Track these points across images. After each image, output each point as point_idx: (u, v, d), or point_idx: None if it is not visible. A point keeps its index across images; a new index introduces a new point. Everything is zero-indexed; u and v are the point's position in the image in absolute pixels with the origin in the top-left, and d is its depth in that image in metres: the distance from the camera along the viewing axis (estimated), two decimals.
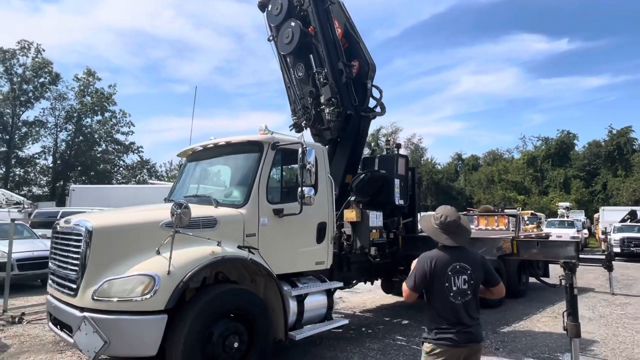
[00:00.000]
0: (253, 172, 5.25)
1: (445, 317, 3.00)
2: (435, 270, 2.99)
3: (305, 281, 5.60)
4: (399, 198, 6.90)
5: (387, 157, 7.08)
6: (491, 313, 8.53)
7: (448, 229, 3.09)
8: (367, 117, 7.10)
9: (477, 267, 3.08)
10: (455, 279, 3.00)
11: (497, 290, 3.21)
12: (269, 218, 5.19)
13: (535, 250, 5.37)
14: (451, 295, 2.98)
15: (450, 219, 3.11)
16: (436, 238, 3.15)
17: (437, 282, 2.99)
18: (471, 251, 3.22)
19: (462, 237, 3.14)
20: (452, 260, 3.03)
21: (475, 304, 3.06)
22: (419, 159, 59.71)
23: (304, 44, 7.14)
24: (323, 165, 5.97)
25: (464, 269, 3.03)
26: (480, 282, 3.10)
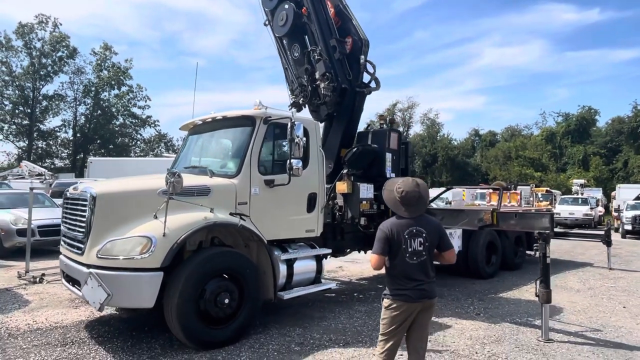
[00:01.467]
0: (245, 145, 5.61)
1: (403, 275, 3.30)
2: (394, 235, 3.27)
3: (296, 247, 6.02)
4: (391, 171, 7.18)
5: (380, 132, 7.33)
6: (483, 283, 8.88)
7: (408, 202, 3.31)
8: (362, 92, 7.32)
9: (431, 231, 3.35)
10: (411, 241, 3.28)
11: (448, 255, 3.46)
12: (260, 188, 5.57)
13: (513, 221, 5.62)
14: (407, 255, 3.27)
15: (410, 194, 3.30)
16: (395, 209, 3.39)
17: (395, 245, 3.27)
18: (428, 217, 3.49)
19: (421, 208, 3.39)
20: (409, 225, 3.31)
21: (430, 264, 3.36)
22: (435, 134, 59.21)
23: (298, 25, 7.40)
24: (315, 140, 6.28)
25: (419, 232, 3.31)
26: (434, 245, 3.37)
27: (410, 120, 60.67)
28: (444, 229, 3.53)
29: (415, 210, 3.34)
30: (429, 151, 56.33)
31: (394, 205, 3.40)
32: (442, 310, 6.71)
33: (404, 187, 3.33)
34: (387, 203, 3.52)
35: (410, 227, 3.32)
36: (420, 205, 3.38)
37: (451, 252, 3.49)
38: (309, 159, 6.18)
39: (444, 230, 3.50)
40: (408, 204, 3.32)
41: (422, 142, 58.00)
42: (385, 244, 3.30)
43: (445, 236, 3.47)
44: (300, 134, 5.41)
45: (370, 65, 7.26)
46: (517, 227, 5.61)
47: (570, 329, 5.96)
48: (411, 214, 3.32)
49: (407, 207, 3.32)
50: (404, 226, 3.32)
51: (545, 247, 5.17)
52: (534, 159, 49.55)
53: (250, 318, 5.18)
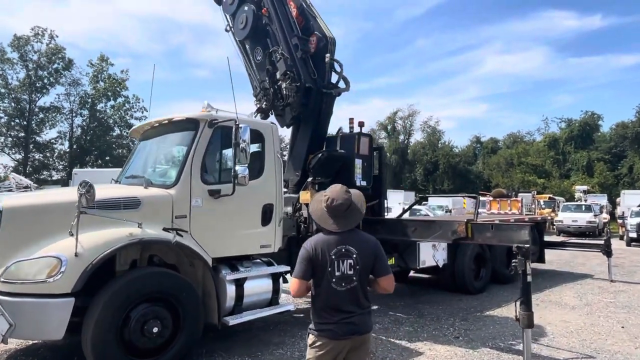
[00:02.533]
0: (186, 151, 5.02)
1: (328, 305, 2.72)
2: (318, 255, 2.70)
3: (249, 265, 5.38)
4: (361, 179, 6.55)
5: (348, 136, 6.71)
6: (470, 299, 8.18)
7: (335, 212, 2.75)
8: (330, 93, 6.74)
9: (364, 251, 2.75)
10: (339, 263, 2.69)
11: (384, 283, 2.81)
12: (204, 199, 4.96)
13: (489, 234, 4.96)
14: (334, 281, 2.68)
15: (337, 202, 2.75)
16: (322, 223, 2.81)
17: (319, 267, 2.70)
18: (362, 233, 2.88)
19: (351, 220, 2.80)
20: (337, 243, 2.73)
21: (362, 292, 2.76)
22: (436, 142, 58.56)
23: (259, 27, 6.91)
24: (271, 145, 5.69)
25: (349, 252, 2.72)
26: (368, 268, 2.77)
27: (411, 128, 60.23)
28: (381, 250, 2.86)
29: (344, 223, 2.76)
30: (430, 159, 55.68)
31: (321, 217, 2.83)
32: (417, 333, 6.04)
33: (331, 195, 2.79)
34: (313, 216, 2.96)
35: (339, 246, 2.72)
36: (351, 217, 2.80)
37: (387, 279, 2.82)
38: (264, 166, 5.59)
39: (381, 251, 2.84)
40: (336, 215, 2.75)
41: (423, 150, 57.40)
42: (307, 266, 2.72)
43: (381, 258, 2.82)
44: (247, 138, 4.82)
45: (337, 64, 6.68)
46: (493, 240, 4.96)
47: (559, 355, 5.26)
48: (340, 227, 2.74)
49: (335, 219, 2.75)
50: (331, 244, 2.72)
51: (524, 263, 4.51)
52: (537, 165, 48.72)
53: (187, 348, 4.55)
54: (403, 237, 5.65)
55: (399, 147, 58.10)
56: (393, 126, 60.05)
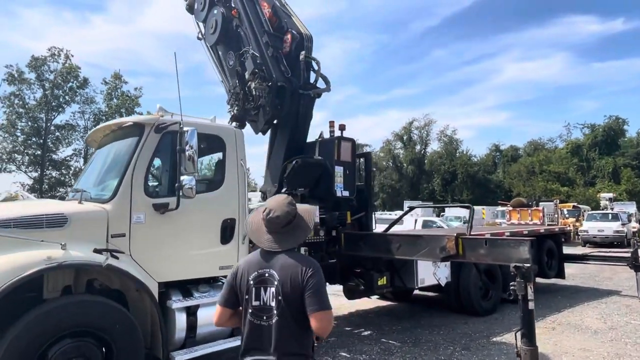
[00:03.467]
0: (127, 160, 4.40)
1: (247, 342, 2.23)
2: (240, 279, 2.28)
3: (206, 289, 4.68)
4: (342, 189, 5.82)
5: (327, 141, 6.01)
6: (477, 322, 7.28)
7: (272, 227, 2.29)
8: (308, 95, 6.07)
9: (289, 279, 2.15)
10: (259, 291, 2.20)
11: (314, 322, 2.11)
12: (148, 215, 4.32)
13: (482, 250, 4.12)
14: (250, 312, 2.20)
15: (274, 214, 2.28)
16: (255, 238, 2.37)
17: (240, 293, 2.27)
18: (294, 256, 2.26)
19: (291, 239, 2.31)
20: (260, 266, 2.25)
21: (289, 332, 2.14)
22: (453, 151, 57.25)
23: (230, 30, 6.36)
24: (234, 151, 5.03)
25: (273, 279, 2.19)
26: (297, 300, 2.14)
27: (428, 138, 59.18)
28: (315, 278, 2.15)
29: (281, 241, 2.28)
30: (448, 168, 54.44)
31: (255, 231, 2.38)
32: None
33: (270, 205, 2.34)
34: (247, 228, 2.58)
35: (261, 269, 2.24)
36: (292, 235, 2.32)
37: (318, 316, 2.11)
38: (224, 176, 4.92)
39: (313, 280, 2.14)
40: (272, 230, 2.29)
41: (440, 159, 56.21)
42: (228, 291, 2.34)
43: (312, 289, 2.12)
44: (194, 144, 4.17)
45: (314, 62, 6.00)
46: (487, 258, 4.11)
47: None
48: (275, 245, 2.27)
49: (272, 235, 2.30)
50: (254, 265, 2.27)
51: (524, 287, 3.68)
52: (560, 173, 46.87)
53: None
54: (387, 254, 4.88)
55: (415, 157, 57.09)
56: (409, 136, 59.11)
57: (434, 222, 21.92)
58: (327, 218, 5.82)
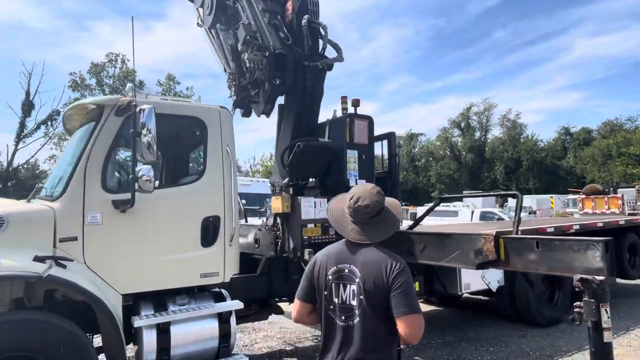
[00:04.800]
0: (82, 149, 3.69)
1: (326, 342, 2.10)
2: (317, 272, 2.14)
3: (184, 301, 3.90)
4: (357, 177, 4.78)
5: (338, 121, 4.96)
6: (538, 336, 5.97)
7: (359, 216, 2.12)
8: (316, 67, 5.08)
9: (372, 277, 1.98)
10: (338, 288, 2.07)
11: (401, 326, 1.93)
12: (106, 213, 3.59)
13: (533, 256, 2.90)
14: (331, 308, 2.08)
15: (363, 203, 2.12)
16: (339, 228, 2.20)
17: (318, 289, 2.14)
18: (379, 251, 2.06)
19: (378, 232, 2.13)
20: (341, 260, 2.09)
21: (371, 335, 1.97)
22: (517, 137, 53.29)
23: (226, 7, 5.48)
24: (218, 136, 4.19)
25: (354, 275, 2.04)
26: (381, 300, 1.97)
27: (488, 124, 55.54)
28: (403, 277, 1.96)
29: (367, 232, 2.10)
30: (511, 155, 50.74)
31: (338, 220, 2.22)
32: None
33: (356, 192, 2.17)
34: (329, 216, 2.30)
35: (341, 264, 2.08)
36: (381, 227, 2.14)
37: (406, 321, 1.93)
38: (206, 164, 4.10)
39: (400, 280, 1.96)
40: (359, 220, 2.12)
41: (503, 146, 52.54)
42: (307, 284, 2.19)
43: (400, 290, 1.94)
44: (152, 126, 3.38)
45: (321, 28, 4.98)
46: (540, 267, 2.88)
47: None
48: (358, 236, 2.10)
49: (359, 226, 2.11)
50: (333, 259, 2.11)
51: (597, 311, 2.51)
52: None
53: None
54: (407, 257, 3.82)
55: (474, 145, 53.82)
56: (467, 122, 55.80)
57: (494, 214, 19.97)
58: None
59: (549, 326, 6.36)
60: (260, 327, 6.67)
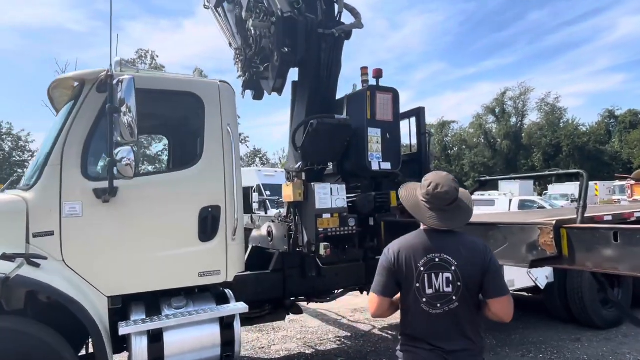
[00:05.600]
0: (58, 130, 3.23)
1: (416, 334, 2.08)
2: (402, 266, 2.06)
3: (181, 303, 3.41)
4: (380, 159, 4.13)
5: (357, 95, 4.31)
6: (595, 339, 5.20)
7: (438, 203, 2.09)
8: (331, 35, 4.44)
9: (469, 262, 2.00)
10: (431, 278, 2.02)
11: (497, 307, 2.02)
12: (86, 204, 3.12)
13: (610, 251, 2.18)
14: (424, 301, 2.02)
15: (443, 189, 2.08)
16: (418, 216, 2.15)
17: (405, 282, 2.07)
18: (466, 236, 2.11)
19: (458, 219, 2.13)
20: (430, 249, 2.05)
21: (468, 318, 2.02)
22: (556, 121, 50.66)
23: None
24: (217, 115, 3.64)
25: (446, 263, 2.02)
26: (476, 285, 2.02)
27: (524, 109, 53.05)
28: (494, 260, 2.05)
29: (449, 220, 2.09)
30: (551, 141, 48.32)
31: (416, 208, 2.16)
32: None
33: (434, 179, 2.14)
34: (407, 205, 2.22)
35: (432, 254, 2.03)
36: (459, 214, 2.13)
37: (501, 302, 2.01)
38: (203, 147, 3.57)
39: (493, 262, 2.04)
40: (438, 207, 2.09)
41: (541, 131, 50.15)
42: (388, 279, 2.11)
43: (494, 272, 2.02)
44: (131, 101, 2.87)
45: None
46: (619, 266, 2.16)
47: None
48: (442, 224, 2.07)
49: (437, 212, 2.09)
50: (419, 251, 2.06)
51: None
52: None
53: None
54: None
55: (510, 131, 51.59)
56: (502, 108, 53.50)
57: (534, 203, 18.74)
58: (358, 201, 4.20)
59: (607, 329, 5.55)
60: (280, 326, 6.17)
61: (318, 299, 4.74)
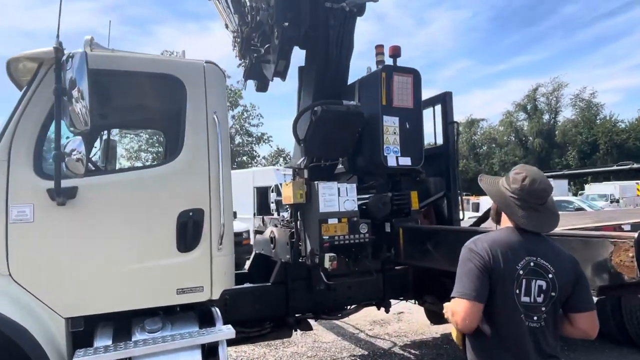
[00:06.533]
0: (8, 119, 2.71)
1: (507, 345, 1.78)
2: (499, 264, 1.76)
3: (155, 327, 2.84)
4: (397, 153, 3.46)
5: (370, 78, 3.64)
6: None
7: (532, 201, 1.82)
8: (341, 10, 3.80)
9: (564, 271, 1.79)
10: (529, 284, 1.76)
11: (585, 322, 1.83)
12: (39, 206, 2.59)
13: None
14: (522, 311, 1.76)
15: (540, 186, 1.82)
16: (508, 213, 1.87)
17: (501, 285, 1.76)
18: (553, 242, 1.89)
19: (549, 221, 1.87)
20: (526, 251, 1.79)
21: (553, 333, 1.82)
22: (592, 118, 48.24)
23: None
24: (201, 100, 3.07)
25: (542, 269, 1.77)
26: (565, 296, 1.80)
27: (558, 105, 50.78)
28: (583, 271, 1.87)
29: (542, 221, 1.84)
30: (586, 139, 46.02)
31: (506, 205, 1.88)
32: None
33: (528, 173, 1.87)
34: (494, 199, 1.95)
35: (528, 257, 1.79)
36: (549, 214, 1.87)
37: (590, 317, 1.83)
38: (183, 139, 3.00)
39: (583, 273, 1.87)
40: (530, 206, 1.82)
41: (576, 128, 47.85)
42: (483, 280, 1.76)
43: (584, 284, 1.85)
44: (82, 82, 2.33)
45: None
46: None
47: None
48: (537, 226, 1.83)
49: (530, 211, 1.82)
50: (518, 251, 1.79)
51: None
52: None
53: None
54: None
55: (543, 128, 49.49)
56: (534, 105, 51.38)
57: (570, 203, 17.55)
58: (372, 204, 3.55)
59: None
60: (291, 341, 5.58)
61: (327, 316, 4.12)
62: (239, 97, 41.84)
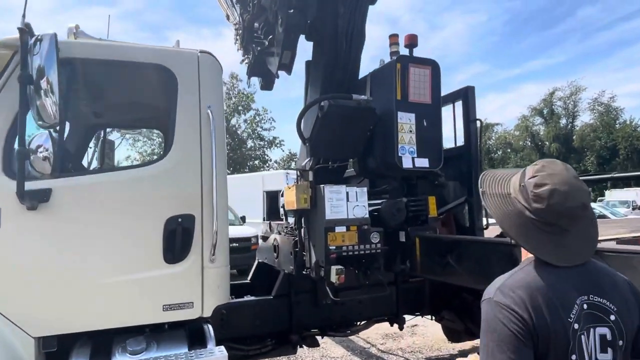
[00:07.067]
0: None
1: None
2: (546, 320, 1.16)
3: (138, 347, 2.51)
4: (414, 154, 3.09)
5: (383, 71, 3.29)
6: None
7: (563, 223, 1.22)
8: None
9: (625, 306, 1.23)
10: (588, 337, 1.19)
11: None
12: (8, 211, 2.30)
13: None
14: None
15: (573, 203, 1.21)
16: (528, 245, 1.26)
17: (552, 353, 1.17)
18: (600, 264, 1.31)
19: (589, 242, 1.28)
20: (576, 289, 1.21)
21: None
22: (612, 122, 47.05)
23: None
24: (194, 94, 2.75)
25: (601, 311, 1.21)
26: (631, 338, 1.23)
27: (575, 109, 49.66)
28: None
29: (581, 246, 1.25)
30: (605, 144, 44.86)
31: (524, 232, 1.26)
32: None
33: (553, 182, 1.23)
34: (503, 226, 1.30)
35: (582, 297, 1.21)
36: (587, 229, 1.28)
37: None
38: (173, 136, 2.68)
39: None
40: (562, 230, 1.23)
41: (595, 133, 46.68)
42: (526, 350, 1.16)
43: None
44: (50, 71, 2.03)
45: None
46: None
47: None
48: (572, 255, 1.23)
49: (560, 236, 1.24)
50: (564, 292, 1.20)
51: None
52: None
53: None
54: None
55: (560, 133, 48.43)
56: (550, 109, 50.36)
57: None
58: (385, 210, 3.18)
59: None
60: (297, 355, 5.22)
61: (335, 333, 3.75)
62: (251, 101, 41.85)
